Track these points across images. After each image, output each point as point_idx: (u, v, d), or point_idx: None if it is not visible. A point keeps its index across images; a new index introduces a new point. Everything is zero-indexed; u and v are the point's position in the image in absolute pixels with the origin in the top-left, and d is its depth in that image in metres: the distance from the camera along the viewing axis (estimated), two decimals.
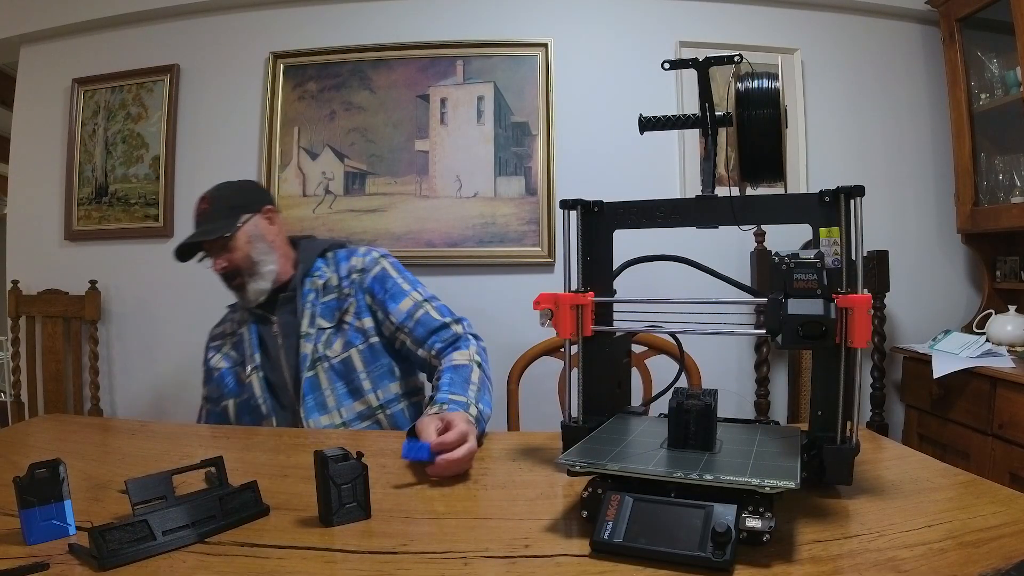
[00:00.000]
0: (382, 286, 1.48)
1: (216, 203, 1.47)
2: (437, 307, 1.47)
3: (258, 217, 1.50)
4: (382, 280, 1.49)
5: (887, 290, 2.24)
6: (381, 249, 1.58)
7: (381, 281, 1.49)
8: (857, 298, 0.82)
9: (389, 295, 1.47)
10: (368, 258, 1.52)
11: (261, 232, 1.50)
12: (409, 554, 0.72)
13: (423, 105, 2.44)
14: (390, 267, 1.52)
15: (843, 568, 0.67)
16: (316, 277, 1.50)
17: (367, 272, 1.50)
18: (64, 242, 2.61)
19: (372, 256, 1.53)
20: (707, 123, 0.95)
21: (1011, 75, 2.12)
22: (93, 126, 2.61)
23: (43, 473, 0.76)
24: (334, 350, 1.44)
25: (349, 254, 1.54)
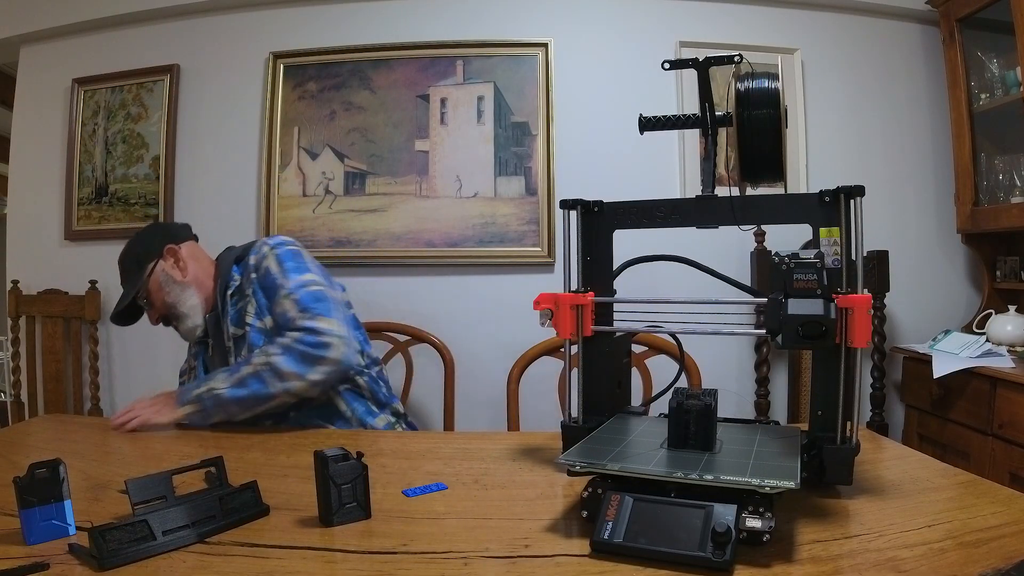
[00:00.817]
0: (265, 282, 1.44)
1: (125, 263, 1.52)
2: (299, 299, 1.38)
3: (161, 262, 1.51)
4: (267, 275, 1.44)
5: (887, 290, 2.24)
6: (275, 239, 1.51)
7: (266, 277, 1.44)
8: (857, 298, 0.82)
9: (270, 291, 1.42)
10: (259, 254, 1.47)
11: (168, 275, 1.50)
12: (409, 554, 0.72)
13: (423, 105, 2.44)
14: (274, 260, 1.45)
15: (843, 568, 0.67)
16: (232, 287, 1.48)
17: (259, 269, 1.46)
18: (64, 242, 2.61)
19: (262, 251, 1.47)
20: (707, 123, 0.95)
21: (1011, 75, 2.12)
22: (93, 126, 2.61)
23: (43, 473, 0.76)
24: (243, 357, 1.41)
25: (252, 251, 1.50)
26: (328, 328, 1.33)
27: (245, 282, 1.46)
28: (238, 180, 2.50)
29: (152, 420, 1.31)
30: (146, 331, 2.53)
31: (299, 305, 1.36)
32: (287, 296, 1.39)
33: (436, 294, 2.41)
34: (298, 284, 1.40)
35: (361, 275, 2.43)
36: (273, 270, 1.43)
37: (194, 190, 2.53)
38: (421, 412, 2.34)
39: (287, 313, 1.37)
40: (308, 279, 1.42)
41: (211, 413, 1.31)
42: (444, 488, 0.95)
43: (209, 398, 1.30)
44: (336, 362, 1.32)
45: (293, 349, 1.30)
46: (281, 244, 1.49)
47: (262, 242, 1.51)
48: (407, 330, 2.08)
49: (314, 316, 1.34)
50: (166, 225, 1.73)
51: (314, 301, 1.37)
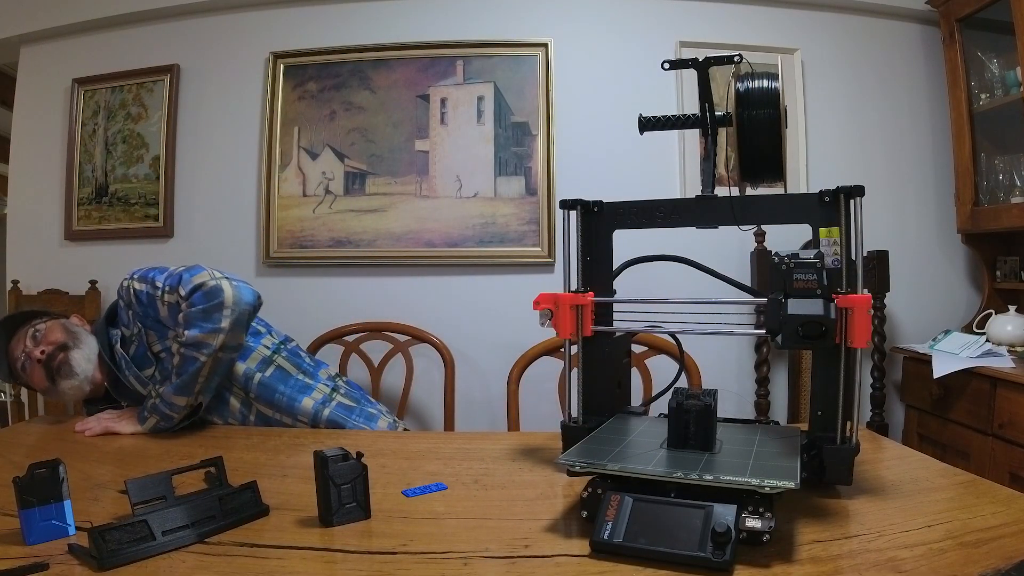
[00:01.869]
0: (141, 302, 1.41)
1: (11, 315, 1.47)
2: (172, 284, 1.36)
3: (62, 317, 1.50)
4: (138, 298, 1.42)
5: (887, 290, 2.24)
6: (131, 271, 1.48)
7: (139, 300, 1.42)
8: (857, 298, 0.82)
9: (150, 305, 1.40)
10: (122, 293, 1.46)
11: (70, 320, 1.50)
12: (409, 554, 0.72)
13: (423, 105, 2.44)
14: (137, 282, 1.43)
15: (843, 568, 0.67)
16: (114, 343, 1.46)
17: (130, 304, 1.44)
18: (64, 242, 2.61)
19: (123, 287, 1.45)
20: (707, 123, 0.95)
21: (1011, 75, 2.12)
22: (93, 126, 2.61)
23: (43, 473, 0.76)
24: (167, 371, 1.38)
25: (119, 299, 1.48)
26: (205, 279, 1.33)
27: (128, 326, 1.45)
28: (238, 180, 2.50)
29: (113, 428, 1.32)
30: None
31: (173, 285, 1.36)
32: (163, 293, 1.38)
33: (436, 294, 2.41)
34: (165, 276, 1.40)
35: (361, 275, 2.43)
36: (140, 288, 1.42)
37: (194, 190, 2.53)
38: (421, 412, 2.34)
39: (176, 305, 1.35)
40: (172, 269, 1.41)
41: (169, 414, 1.31)
42: (444, 488, 0.95)
43: (161, 403, 1.30)
44: (233, 299, 1.31)
45: (192, 315, 1.30)
46: (138, 270, 1.47)
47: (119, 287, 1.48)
48: (407, 330, 2.08)
49: (189, 280, 1.34)
50: None
51: (184, 272, 1.37)
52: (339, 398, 1.52)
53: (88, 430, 1.31)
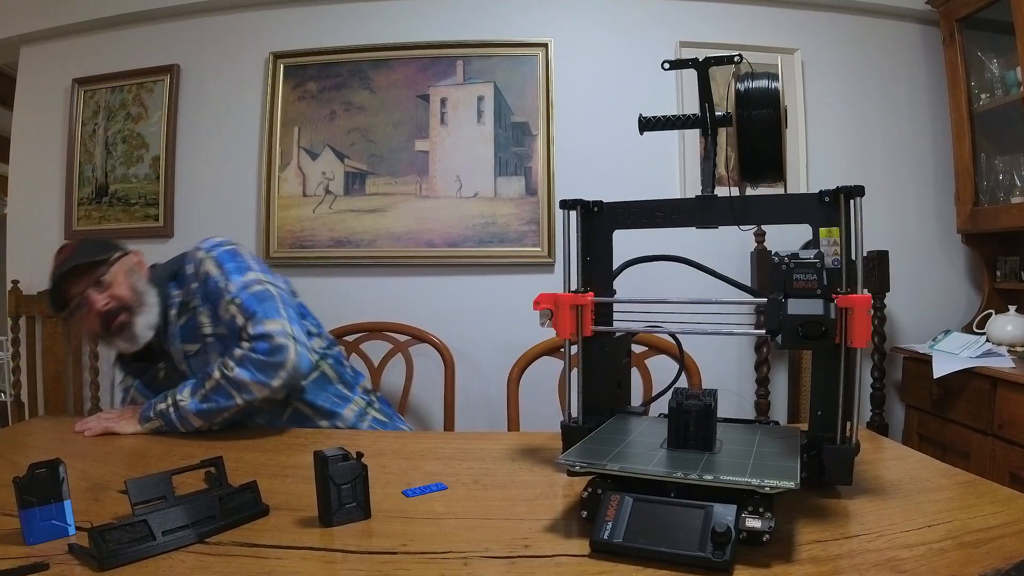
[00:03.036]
0: (208, 288, 1.39)
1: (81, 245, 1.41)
2: (242, 304, 1.34)
3: (129, 256, 1.44)
4: (207, 280, 1.39)
5: (887, 290, 2.24)
6: (208, 241, 1.45)
7: (207, 282, 1.39)
8: (857, 298, 0.82)
9: (214, 296, 1.38)
10: (195, 261, 1.42)
11: (135, 268, 1.43)
12: (409, 554, 0.72)
13: (423, 105, 2.44)
14: (212, 264, 1.40)
15: (843, 568, 0.67)
16: (172, 305, 1.42)
17: (199, 277, 1.40)
18: (64, 242, 2.61)
19: (197, 258, 1.42)
20: (707, 123, 0.95)
21: (1011, 75, 2.12)
22: (93, 126, 2.61)
23: (43, 473, 0.76)
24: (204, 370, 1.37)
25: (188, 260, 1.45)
26: (277, 330, 1.30)
27: (188, 295, 1.42)
28: (238, 180, 2.50)
29: (113, 428, 1.31)
30: None
31: (245, 310, 1.33)
32: (231, 301, 1.35)
33: (436, 294, 2.41)
34: (241, 286, 1.36)
35: (361, 275, 2.43)
36: (213, 274, 1.39)
37: (194, 190, 2.53)
38: (421, 412, 2.34)
39: (235, 320, 1.34)
40: (250, 279, 1.38)
41: (175, 427, 1.29)
42: (444, 488, 0.95)
43: (174, 413, 1.29)
44: (293, 365, 1.29)
45: (249, 359, 1.28)
46: (217, 246, 1.43)
47: (195, 248, 1.45)
48: (407, 330, 2.08)
49: (261, 320, 1.31)
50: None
51: (258, 303, 1.34)
52: (374, 413, 1.53)
53: (88, 430, 1.30)
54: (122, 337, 1.38)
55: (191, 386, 1.31)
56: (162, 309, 1.42)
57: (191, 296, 1.41)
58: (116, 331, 1.37)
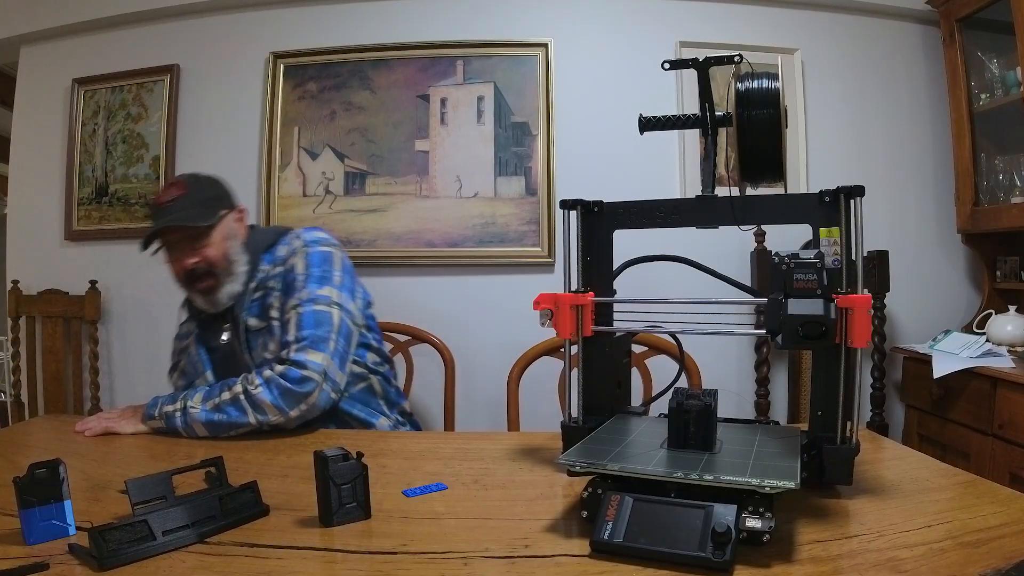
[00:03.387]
0: (288, 279, 1.38)
1: (196, 191, 1.38)
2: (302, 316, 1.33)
3: (234, 214, 1.43)
4: (291, 272, 1.39)
5: (887, 290, 2.24)
6: (310, 233, 1.45)
7: (290, 273, 1.39)
8: (857, 298, 0.82)
9: (289, 291, 1.38)
10: (290, 247, 1.42)
11: (235, 231, 1.42)
12: (409, 554, 0.72)
13: (423, 105, 2.44)
14: (302, 260, 1.39)
15: (843, 568, 0.67)
16: (256, 278, 1.42)
17: (286, 263, 1.40)
18: (64, 242, 2.61)
19: (293, 246, 1.42)
20: (707, 123, 0.95)
21: (1011, 75, 2.12)
22: (93, 126, 2.61)
23: (43, 473, 0.76)
24: (270, 351, 1.36)
25: (285, 242, 1.45)
26: (315, 364, 1.28)
27: (271, 273, 1.41)
28: (238, 180, 2.45)
29: (114, 428, 1.29)
30: (146, 330, 2.55)
31: (299, 325, 1.31)
32: (295, 307, 1.34)
33: (436, 294, 2.41)
34: (310, 298, 1.34)
35: (361, 275, 2.39)
36: (298, 269, 1.38)
37: None
38: (421, 412, 2.34)
39: (287, 332, 1.32)
40: (322, 295, 1.35)
41: (179, 431, 1.26)
42: (444, 488, 0.95)
43: (180, 417, 1.26)
44: (312, 404, 1.28)
45: (275, 383, 1.26)
46: (315, 243, 1.42)
47: (295, 234, 1.44)
48: (407, 330, 2.08)
49: (306, 348, 1.29)
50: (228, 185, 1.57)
51: (315, 325, 1.31)
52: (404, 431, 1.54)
53: (88, 430, 1.29)
54: (202, 297, 1.39)
55: (204, 392, 1.29)
56: (247, 279, 1.41)
57: (273, 277, 1.40)
58: (199, 291, 1.38)
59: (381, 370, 1.53)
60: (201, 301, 1.41)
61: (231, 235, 1.41)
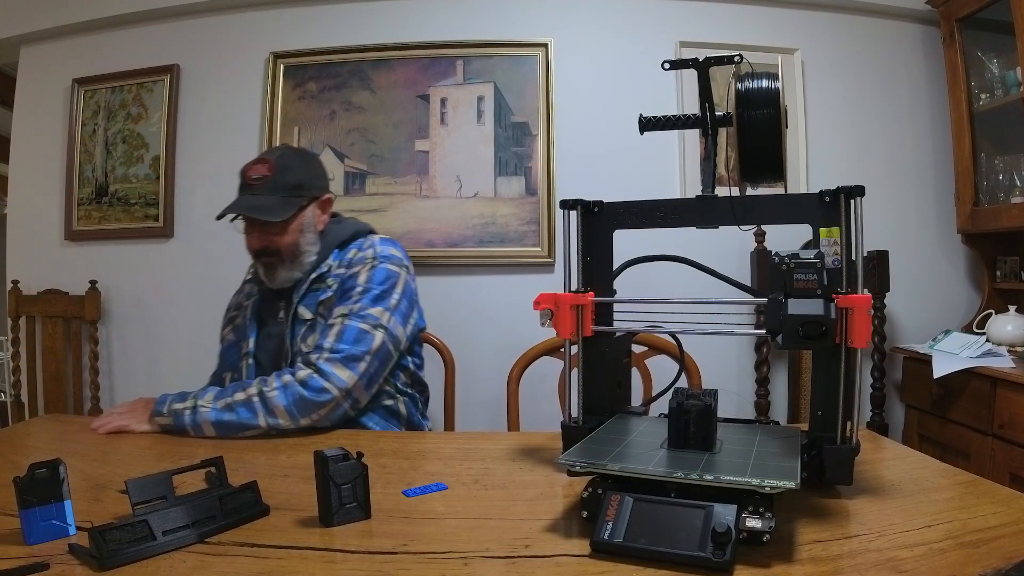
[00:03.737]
0: (347, 285, 1.38)
1: (282, 175, 1.37)
2: (344, 328, 1.32)
3: (316, 204, 1.43)
4: (351, 279, 1.38)
5: (887, 290, 2.24)
6: (384, 247, 1.44)
7: (350, 280, 1.38)
8: (857, 298, 0.82)
9: (340, 297, 1.37)
10: (360, 255, 1.41)
11: (314, 221, 1.42)
12: (409, 554, 0.72)
13: (423, 105, 2.44)
14: (366, 273, 1.38)
15: (843, 568, 0.67)
16: (320, 270, 1.42)
17: (351, 268, 1.40)
18: (64, 242, 2.61)
19: (364, 255, 1.41)
20: (707, 123, 0.95)
21: (1011, 75, 2.12)
22: (93, 126, 2.61)
23: (43, 473, 0.76)
24: (308, 345, 1.36)
25: (357, 245, 1.45)
26: (340, 381, 1.27)
27: (334, 271, 1.40)
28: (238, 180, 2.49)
29: (129, 426, 1.28)
30: (147, 331, 2.55)
31: (339, 337, 1.30)
32: (343, 316, 1.33)
33: (436, 294, 2.41)
34: (360, 313, 1.33)
35: None
36: (359, 280, 1.37)
37: (194, 190, 2.53)
38: None
39: (326, 337, 1.31)
40: (373, 314, 1.34)
41: (187, 430, 1.25)
42: (444, 488, 0.95)
43: (189, 415, 1.25)
44: (324, 416, 1.28)
45: (292, 388, 1.25)
46: (385, 259, 1.41)
47: (371, 242, 1.44)
48: None
49: (335, 361, 1.28)
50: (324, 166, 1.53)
51: (353, 341, 1.30)
52: None
53: (102, 427, 1.27)
54: (263, 270, 1.41)
55: (216, 392, 1.28)
56: (311, 269, 1.41)
57: (334, 276, 1.40)
58: (259, 265, 1.40)
59: (409, 391, 1.51)
60: (262, 272, 1.42)
61: (307, 227, 1.41)
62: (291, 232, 1.38)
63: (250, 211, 1.34)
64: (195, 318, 2.38)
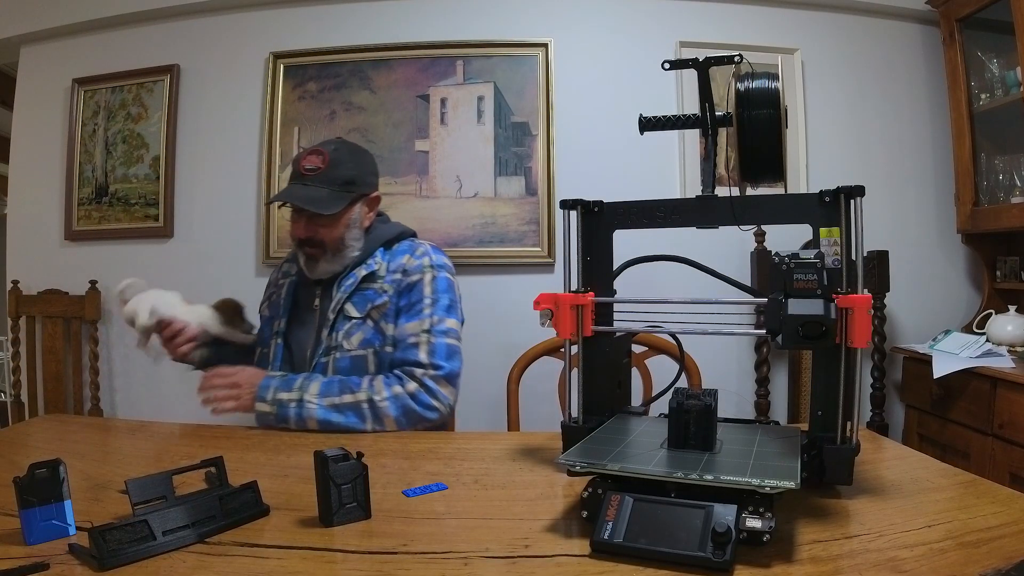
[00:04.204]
0: (408, 297, 1.39)
1: (335, 168, 1.38)
2: (434, 345, 1.36)
3: (364, 202, 1.44)
4: (414, 291, 1.40)
5: (887, 290, 2.24)
6: (438, 255, 1.47)
7: (412, 292, 1.40)
8: (857, 298, 0.82)
9: (408, 309, 1.39)
10: (416, 263, 1.42)
11: (360, 218, 1.43)
12: (409, 554, 0.72)
13: (423, 105, 2.44)
14: (429, 284, 1.41)
15: (843, 568, 0.67)
16: (364, 265, 1.43)
17: (408, 276, 1.41)
18: (64, 242, 2.61)
19: (420, 263, 1.42)
20: (707, 123, 0.95)
21: (1011, 75, 2.12)
22: (93, 126, 2.61)
23: (43, 473, 0.76)
24: (351, 342, 1.37)
25: (408, 250, 1.45)
26: (445, 397, 1.33)
27: (388, 275, 1.41)
28: (238, 180, 2.50)
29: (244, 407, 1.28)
30: None
31: (433, 353, 1.34)
32: (426, 332, 1.36)
33: None
34: (442, 329, 1.38)
35: None
36: (425, 292, 1.40)
37: (194, 190, 2.53)
38: None
39: (417, 353, 1.34)
40: (451, 327, 1.40)
41: (288, 422, 1.26)
42: (444, 488, 0.95)
43: (294, 408, 1.25)
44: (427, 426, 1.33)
45: (403, 401, 1.29)
46: (442, 267, 1.44)
47: (423, 249, 1.46)
48: None
49: (441, 380, 1.33)
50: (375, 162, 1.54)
51: (447, 358, 1.36)
52: None
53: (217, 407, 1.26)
54: (304, 259, 1.42)
55: (322, 386, 1.28)
56: (352, 264, 1.42)
57: (388, 280, 1.41)
58: (303, 252, 1.41)
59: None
60: (301, 262, 1.43)
61: (354, 223, 1.42)
62: (338, 226, 1.39)
63: (302, 201, 1.35)
64: None
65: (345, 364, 1.37)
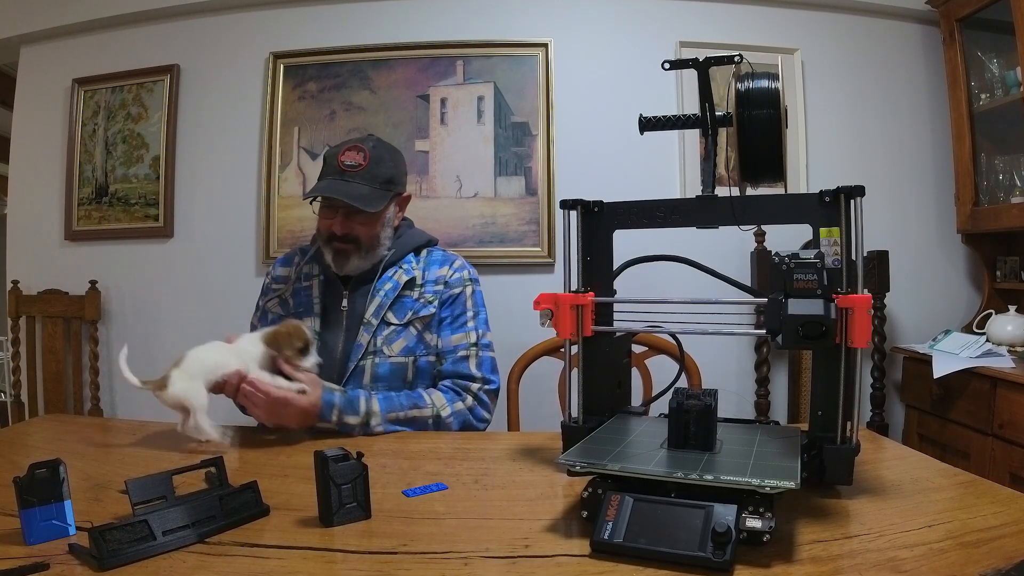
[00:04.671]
0: (452, 310, 1.44)
1: (376, 166, 1.39)
2: (481, 359, 1.42)
3: (397, 201, 1.47)
4: (456, 303, 1.44)
5: (887, 290, 2.24)
6: (472, 270, 1.52)
7: (455, 304, 1.44)
8: (857, 298, 0.82)
9: (452, 321, 1.43)
10: (457, 276, 1.47)
11: (392, 217, 1.46)
12: (409, 554, 0.72)
13: (423, 105, 2.44)
14: (471, 297, 1.46)
15: (843, 568, 0.67)
16: (402, 270, 1.44)
17: (450, 288, 1.45)
18: (64, 242, 2.61)
19: (460, 276, 1.47)
20: (707, 123, 0.95)
21: (1011, 75, 2.12)
22: (93, 126, 2.61)
23: (43, 473, 0.76)
24: (392, 349, 1.39)
25: (443, 260, 1.49)
26: (491, 409, 1.41)
27: (426, 284, 1.44)
28: (238, 180, 2.50)
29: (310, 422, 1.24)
30: (147, 331, 2.55)
31: (482, 367, 1.41)
32: (474, 346, 1.42)
33: None
34: (486, 343, 1.44)
35: None
36: (467, 306, 1.45)
37: (194, 190, 2.53)
38: None
39: (469, 366, 1.40)
40: (490, 340, 1.46)
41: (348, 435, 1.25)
42: (444, 488, 0.95)
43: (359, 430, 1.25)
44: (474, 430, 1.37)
45: (463, 416, 1.35)
46: (476, 281, 1.50)
47: (461, 263, 1.50)
48: None
49: (490, 392, 1.40)
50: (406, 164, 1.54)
51: (492, 371, 1.43)
52: None
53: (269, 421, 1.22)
54: (332, 256, 1.41)
55: (383, 403, 1.28)
56: (380, 265, 1.42)
57: (426, 289, 1.43)
58: (334, 248, 1.40)
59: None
60: (330, 258, 1.42)
61: (388, 221, 1.44)
62: (376, 224, 1.41)
63: (348, 197, 1.35)
64: (195, 318, 2.38)
65: (385, 370, 1.38)
